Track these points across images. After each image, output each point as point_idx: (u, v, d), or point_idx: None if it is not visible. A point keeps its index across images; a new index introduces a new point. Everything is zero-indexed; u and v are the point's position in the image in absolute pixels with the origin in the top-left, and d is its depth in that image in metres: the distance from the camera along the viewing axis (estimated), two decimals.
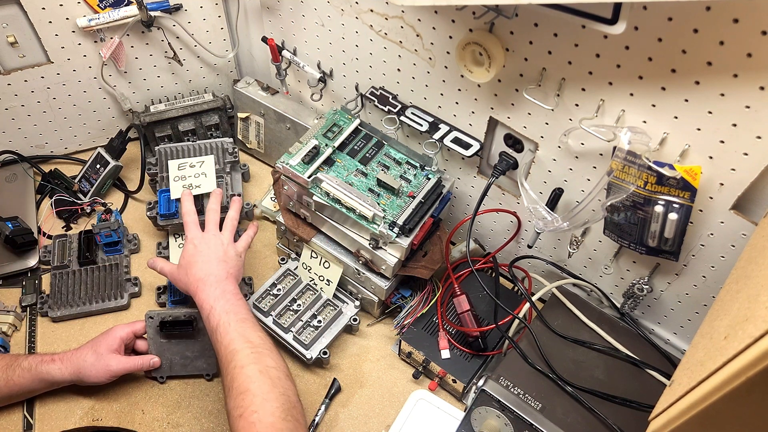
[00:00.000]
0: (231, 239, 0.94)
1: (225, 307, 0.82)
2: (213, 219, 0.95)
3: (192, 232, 0.93)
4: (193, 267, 0.88)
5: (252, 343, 0.79)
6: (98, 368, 0.88)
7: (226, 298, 0.84)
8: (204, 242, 0.91)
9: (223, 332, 0.80)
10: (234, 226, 0.96)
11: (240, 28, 1.16)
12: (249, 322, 0.82)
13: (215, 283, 0.86)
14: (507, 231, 1.02)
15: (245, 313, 0.83)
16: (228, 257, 0.90)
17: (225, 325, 0.80)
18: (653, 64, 0.67)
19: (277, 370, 0.77)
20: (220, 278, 0.87)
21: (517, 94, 0.82)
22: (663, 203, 0.73)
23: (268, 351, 0.79)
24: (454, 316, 0.96)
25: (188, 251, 0.91)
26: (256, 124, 1.21)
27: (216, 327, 0.81)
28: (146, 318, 0.94)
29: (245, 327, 0.81)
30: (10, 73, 1.08)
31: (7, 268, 1.07)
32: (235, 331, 0.80)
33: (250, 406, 0.71)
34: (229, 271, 0.88)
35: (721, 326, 0.55)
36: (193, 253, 0.90)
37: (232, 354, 0.77)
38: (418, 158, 0.96)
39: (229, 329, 0.80)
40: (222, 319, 0.81)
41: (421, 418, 0.91)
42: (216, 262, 0.89)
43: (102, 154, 1.17)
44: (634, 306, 0.92)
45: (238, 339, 0.79)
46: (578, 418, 0.80)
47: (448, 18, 0.82)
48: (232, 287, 0.87)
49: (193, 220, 0.94)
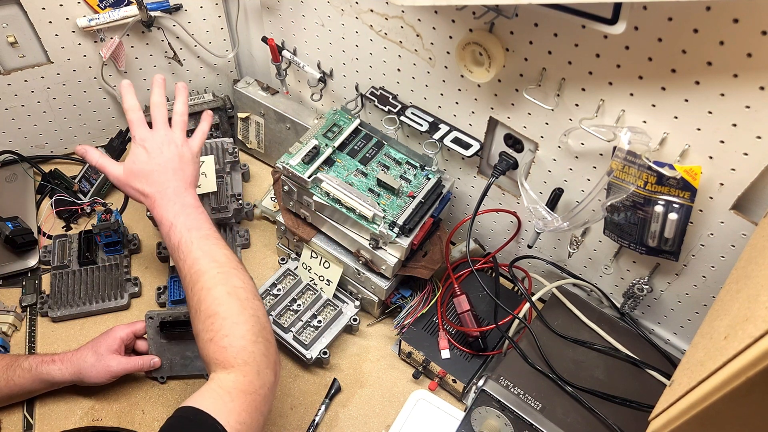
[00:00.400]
0: (184, 138, 0.85)
1: (186, 223, 0.77)
2: (161, 115, 0.85)
3: (140, 131, 0.83)
4: (146, 177, 0.80)
5: (218, 262, 0.74)
6: (98, 369, 0.88)
7: (186, 213, 0.78)
8: (156, 145, 0.82)
9: (185, 250, 0.75)
10: (185, 122, 0.87)
11: (240, 28, 1.16)
12: (212, 238, 0.77)
13: (173, 196, 0.79)
14: (507, 231, 1.02)
15: (208, 227, 0.78)
16: (184, 162, 0.83)
17: (187, 243, 0.76)
18: (653, 64, 0.67)
19: (245, 290, 0.73)
20: (179, 190, 0.80)
21: (517, 94, 0.82)
22: (663, 203, 0.73)
23: (234, 270, 0.75)
24: (454, 316, 0.96)
25: (139, 157, 0.81)
26: (256, 124, 1.21)
27: (178, 245, 0.76)
28: (146, 318, 0.94)
29: (209, 244, 0.76)
30: (10, 73, 1.08)
31: (7, 268, 1.07)
32: (199, 249, 0.75)
33: (220, 330, 0.69)
34: (187, 180, 0.82)
35: (721, 326, 0.55)
36: (145, 160, 0.81)
37: (197, 274, 0.73)
38: (418, 158, 0.96)
39: (192, 247, 0.75)
40: (184, 236, 0.76)
41: (421, 418, 0.91)
42: (172, 171, 0.81)
43: None
44: (634, 306, 0.92)
45: (202, 258, 0.74)
46: (578, 418, 0.80)
47: (448, 18, 0.82)
48: (191, 199, 0.81)
49: (139, 118, 0.84)
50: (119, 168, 0.83)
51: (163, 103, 0.85)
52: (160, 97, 0.86)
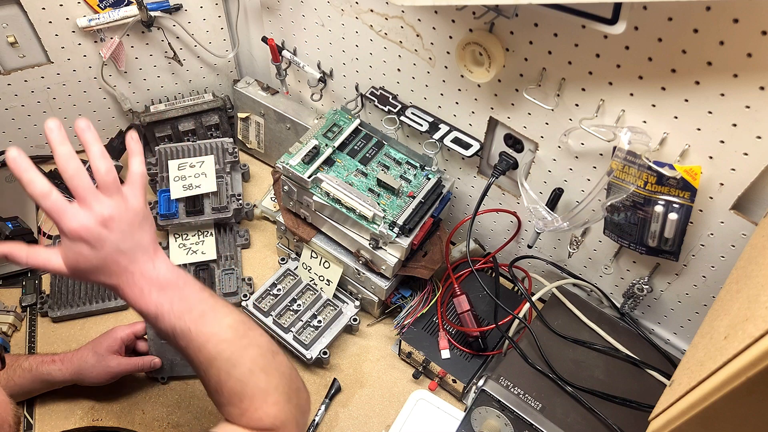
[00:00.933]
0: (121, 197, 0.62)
1: (173, 311, 0.63)
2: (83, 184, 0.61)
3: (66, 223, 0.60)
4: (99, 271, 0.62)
5: (227, 341, 0.64)
6: (99, 369, 0.88)
7: (168, 297, 0.63)
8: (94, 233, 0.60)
9: (185, 339, 0.64)
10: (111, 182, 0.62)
11: (240, 28, 1.16)
12: (209, 313, 0.64)
13: (143, 282, 0.63)
14: (507, 231, 1.02)
15: (198, 301, 0.65)
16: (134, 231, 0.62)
17: (184, 332, 0.63)
18: (653, 64, 0.67)
19: (263, 356, 0.66)
20: (145, 269, 0.63)
21: (517, 94, 0.82)
22: (663, 203, 0.73)
23: (245, 338, 0.65)
24: (454, 316, 0.96)
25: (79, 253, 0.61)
26: (256, 124, 1.21)
27: (173, 334, 0.64)
28: None
29: (208, 323, 0.64)
30: (10, 73, 1.08)
31: (7, 268, 1.07)
32: (200, 335, 0.63)
33: (250, 407, 0.64)
34: (148, 249, 0.63)
35: (721, 326, 0.55)
36: (87, 255, 0.60)
37: (208, 361, 0.64)
38: (418, 158, 0.96)
39: (191, 335, 0.63)
40: (177, 326, 0.63)
41: (421, 418, 0.91)
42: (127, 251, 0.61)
43: None
44: (634, 306, 0.92)
45: (207, 343, 0.63)
46: (578, 418, 0.80)
47: (448, 18, 0.82)
48: (166, 272, 0.64)
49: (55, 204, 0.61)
50: (59, 261, 0.62)
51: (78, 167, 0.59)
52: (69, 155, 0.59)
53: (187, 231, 1.10)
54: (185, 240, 1.09)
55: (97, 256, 0.60)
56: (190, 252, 1.08)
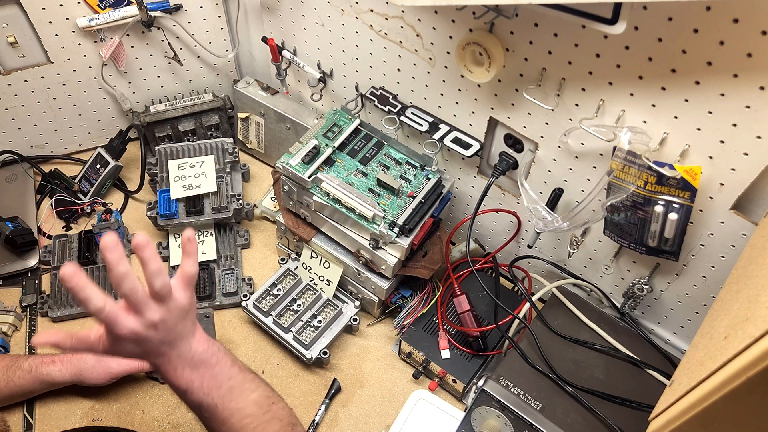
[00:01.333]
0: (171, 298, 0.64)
1: (202, 388, 0.67)
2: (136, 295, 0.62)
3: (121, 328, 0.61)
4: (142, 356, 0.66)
5: (251, 416, 0.67)
6: (98, 370, 0.88)
7: (199, 375, 0.67)
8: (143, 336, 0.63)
9: (210, 412, 0.67)
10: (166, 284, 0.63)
11: (240, 28, 1.16)
12: (236, 389, 0.68)
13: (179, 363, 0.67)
14: (507, 231, 1.02)
15: (227, 378, 0.68)
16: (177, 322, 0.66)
17: (210, 406, 0.67)
18: (653, 64, 0.67)
19: (283, 429, 0.69)
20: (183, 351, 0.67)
21: (517, 94, 0.82)
22: (663, 203, 0.73)
23: (268, 413, 0.69)
24: (454, 316, 0.96)
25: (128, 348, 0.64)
26: (256, 124, 1.21)
27: (199, 407, 0.68)
28: None
29: (234, 398, 0.68)
30: (10, 73, 1.08)
31: (7, 268, 1.07)
32: (225, 410, 0.67)
33: None
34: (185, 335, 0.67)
35: (721, 326, 0.55)
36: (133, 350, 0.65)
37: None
38: (418, 158, 0.96)
39: (216, 410, 0.67)
40: (204, 401, 0.67)
41: (421, 418, 0.91)
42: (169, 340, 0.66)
43: (102, 154, 1.17)
44: (634, 306, 0.92)
45: (230, 418, 0.67)
46: (578, 418, 0.80)
47: (448, 18, 0.82)
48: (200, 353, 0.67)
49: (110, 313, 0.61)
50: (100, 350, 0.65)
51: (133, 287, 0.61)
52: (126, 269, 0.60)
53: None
54: None
55: (140, 350, 0.65)
56: None
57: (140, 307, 0.62)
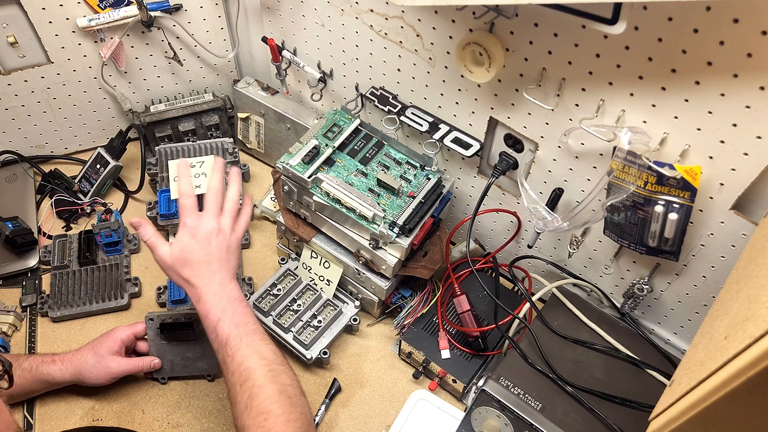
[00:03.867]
0: (233, 226, 0.84)
1: (234, 319, 0.76)
2: (216, 203, 0.83)
3: (191, 219, 0.81)
4: (192, 267, 0.79)
5: (267, 359, 0.74)
6: (99, 370, 0.88)
7: (233, 307, 0.77)
8: (205, 235, 0.80)
9: (234, 347, 0.75)
10: (235, 209, 0.85)
11: (240, 28, 1.16)
12: (258, 333, 0.77)
13: (219, 290, 0.78)
14: (507, 231, 1.02)
15: (253, 322, 0.78)
16: (230, 252, 0.82)
17: (236, 339, 0.75)
18: (653, 64, 0.67)
19: (293, 387, 0.75)
20: (224, 282, 0.79)
21: (517, 94, 0.82)
22: (663, 203, 0.73)
23: (282, 367, 0.76)
24: (454, 316, 0.96)
25: (185, 243, 0.79)
26: (256, 124, 1.21)
27: (226, 341, 0.75)
28: (146, 320, 0.94)
29: (256, 340, 0.76)
30: (10, 73, 1.08)
31: (7, 268, 1.07)
32: (248, 347, 0.75)
33: (273, 427, 0.70)
34: (231, 271, 0.81)
35: (721, 326, 0.55)
36: (191, 248, 0.79)
37: (247, 372, 0.73)
38: (418, 158, 0.96)
39: (240, 344, 0.75)
40: (232, 332, 0.75)
41: (421, 418, 0.91)
42: (218, 261, 0.80)
43: (102, 154, 1.17)
44: (634, 306, 0.92)
45: (251, 355, 0.74)
46: (578, 418, 0.80)
47: (448, 18, 0.82)
48: (236, 292, 0.80)
49: (191, 204, 0.82)
50: (167, 250, 0.80)
51: (220, 191, 0.83)
52: (218, 183, 0.84)
53: None
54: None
55: (198, 252, 0.79)
56: None
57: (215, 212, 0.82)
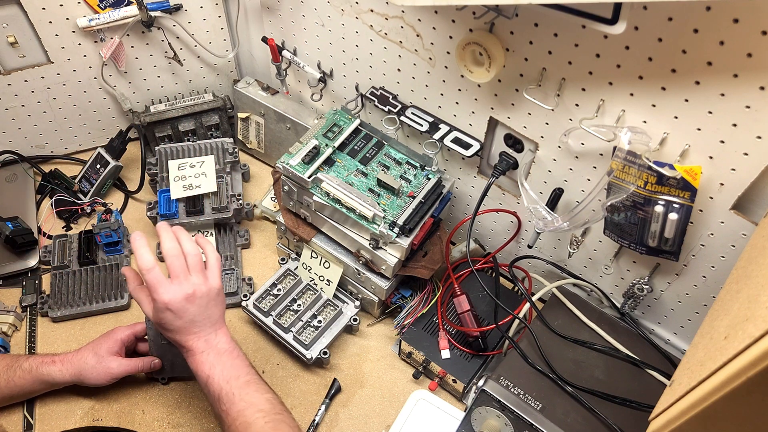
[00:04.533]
0: (205, 278, 0.78)
1: (224, 375, 0.75)
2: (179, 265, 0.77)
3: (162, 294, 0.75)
4: (173, 333, 0.77)
5: (263, 411, 0.73)
6: (99, 370, 0.88)
7: (222, 363, 0.76)
8: (180, 305, 0.75)
9: (227, 403, 0.74)
10: (199, 262, 0.79)
11: (240, 28, 1.16)
12: (253, 384, 0.76)
13: (206, 347, 0.77)
14: (507, 231, 1.02)
15: (246, 373, 0.77)
16: (210, 307, 0.78)
17: (228, 395, 0.74)
18: (653, 64, 0.67)
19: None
20: (210, 339, 0.77)
21: (517, 94, 0.82)
22: (663, 203, 0.73)
23: (280, 415, 0.74)
24: (454, 316, 0.96)
25: (161, 318, 0.76)
26: (256, 124, 1.21)
27: (218, 397, 0.75)
28: (146, 320, 0.94)
29: (251, 392, 0.75)
30: (10, 73, 1.08)
31: (7, 268, 1.07)
32: (242, 401, 0.74)
33: None
34: (215, 322, 0.78)
35: (721, 326, 0.55)
36: (169, 320, 0.76)
37: (244, 426, 0.72)
38: (418, 158, 0.96)
39: (234, 399, 0.74)
40: (224, 389, 0.74)
41: (421, 418, 0.91)
42: (200, 322, 0.77)
43: (102, 154, 1.17)
44: (634, 306, 0.92)
45: (247, 409, 0.73)
46: (578, 418, 0.80)
47: (448, 18, 0.82)
48: (224, 344, 0.78)
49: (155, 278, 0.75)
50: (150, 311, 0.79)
51: (179, 252, 0.77)
52: (171, 242, 0.77)
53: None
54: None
55: (176, 322, 0.76)
56: None
57: (180, 275, 0.76)
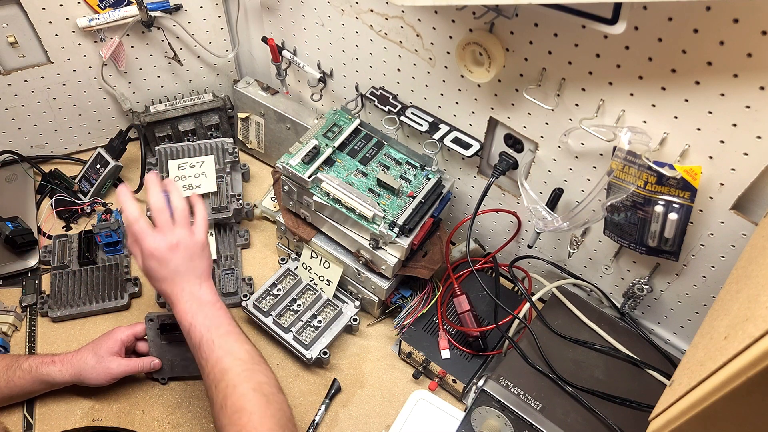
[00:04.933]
0: (190, 231, 0.82)
1: (205, 323, 0.78)
2: (165, 218, 0.82)
3: (147, 243, 0.80)
4: (160, 282, 0.81)
5: (241, 360, 0.76)
6: (99, 371, 0.88)
7: (204, 312, 0.79)
8: (164, 253, 0.80)
9: (207, 350, 0.77)
10: (185, 216, 0.83)
11: (240, 28, 1.16)
12: (233, 334, 0.79)
13: (189, 297, 0.80)
14: (507, 231, 1.02)
15: (227, 323, 0.79)
16: (194, 259, 0.81)
17: (208, 342, 0.77)
18: (653, 64, 0.67)
19: (269, 385, 0.76)
20: (193, 288, 0.81)
21: (517, 94, 0.82)
22: (663, 203, 0.73)
23: (257, 365, 0.77)
24: (454, 316, 0.96)
25: (151, 266, 0.80)
26: (256, 124, 1.21)
27: (199, 344, 0.77)
28: (146, 320, 0.94)
29: (230, 341, 0.77)
30: (10, 73, 1.08)
31: (7, 268, 1.07)
32: (221, 348, 0.76)
33: (247, 424, 0.71)
34: (200, 274, 0.82)
35: (721, 326, 0.55)
36: (154, 269, 0.80)
37: (221, 373, 0.75)
38: (418, 158, 0.96)
39: (213, 347, 0.76)
40: (204, 336, 0.77)
41: (421, 418, 0.91)
42: (184, 274, 0.80)
43: (102, 154, 1.17)
44: (634, 306, 0.92)
45: (225, 356, 0.76)
46: (578, 418, 0.80)
47: (448, 18, 0.82)
48: (208, 295, 0.81)
49: (141, 228, 0.80)
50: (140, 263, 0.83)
51: (163, 206, 0.82)
52: (158, 195, 0.82)
53: None
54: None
55: (161, 270, 0.80)
56: None
57: (165, 227, 0.81)
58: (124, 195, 0.81)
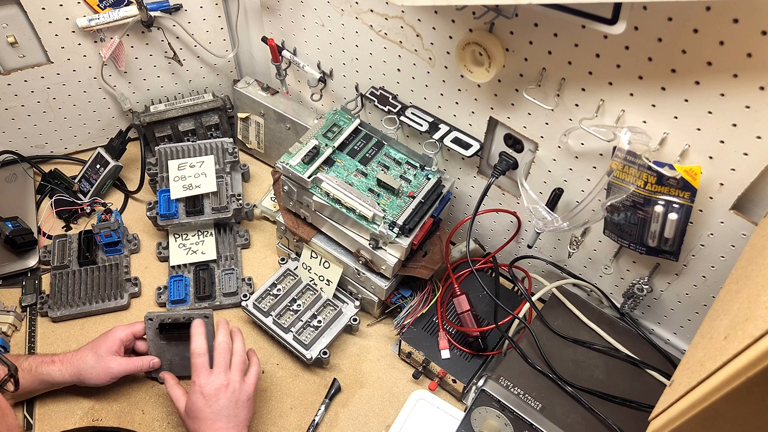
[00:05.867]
0: (242, 379, 0.85)
1: None
2: (224, 359, 0.85)
3: (201, 378, 0.82)
4: (201, 422, 0.81)
5: None
6: (98, 370, 0.88)
7: None
8: (213, 392, 0.81)
9: None
10: (242, 362, 0.86)
11: (240, 28, 1.16)
12: None
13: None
14: (507, 231, 1.02)
15: None
16: (239, 407, 0.83)
17: None
18: (653, 64, 0.67)
19: None
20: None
21: (517, 94, 0.82)
22: (663, 203, 0.73)
23: None
24: (454, 316, 0.96)
25: (194, 402, 0.81)
26: (256, 124, 1.21)
27: None
28: (146, 320, 0.94)
29: None
30: (10, 73, 1.08)
31: (7, 268, 1.07)
32: None
33: None
34: (240, 426, 0.83)
35: (721, 326, 0.55)
36: (199, 407, 0.81)
37: None
38: (418, 158, 0.96)
39: None
40: None
41: (421, 418, 0.91)
42: (225, 419, 0.81)
43: (102, 154, 1.17)
44: (634, 306, 0.92)
45: None
46: (578, 418, 0.80)
47: (448, 18, 0.82)
48: None
49: (203, 363, 0.84)
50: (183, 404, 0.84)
51: (228, 347, 0.86)
52: (225, 337, 0.87)
53: (187, 231, 1.10)
54: (185, 240, 1.09)
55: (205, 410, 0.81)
56: (190, 252, 1.08)
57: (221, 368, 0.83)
58: (198, 328, 0.86)
